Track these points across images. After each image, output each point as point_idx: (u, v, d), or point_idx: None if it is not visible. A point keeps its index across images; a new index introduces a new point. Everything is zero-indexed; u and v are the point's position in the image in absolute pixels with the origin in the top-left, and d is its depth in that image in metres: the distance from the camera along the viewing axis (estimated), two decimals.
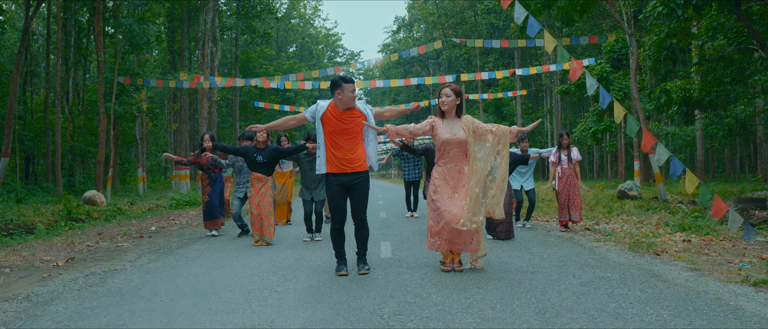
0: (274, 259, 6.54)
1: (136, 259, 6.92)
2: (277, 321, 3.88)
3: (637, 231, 9.08)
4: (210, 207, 9.18)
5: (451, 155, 5.57)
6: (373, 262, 6.21)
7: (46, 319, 4.11)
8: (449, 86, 5.58)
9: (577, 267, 5.81)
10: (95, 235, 9.86)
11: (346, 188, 5.44)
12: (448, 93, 5.57)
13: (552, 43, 8.72)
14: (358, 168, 5.43)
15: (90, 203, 17.55)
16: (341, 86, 5.33)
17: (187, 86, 23.00)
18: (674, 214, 12.30)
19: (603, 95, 8.78)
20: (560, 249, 7.14)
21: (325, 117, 5.38)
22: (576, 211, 9.33)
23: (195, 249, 7.63)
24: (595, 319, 3.82)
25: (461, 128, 5.56)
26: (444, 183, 5.58)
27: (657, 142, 8.66)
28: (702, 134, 28.04)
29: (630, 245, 7.29)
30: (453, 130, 5.55)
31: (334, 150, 5.39)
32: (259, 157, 7.87)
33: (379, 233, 9.11)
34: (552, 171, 9.62)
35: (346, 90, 5.33)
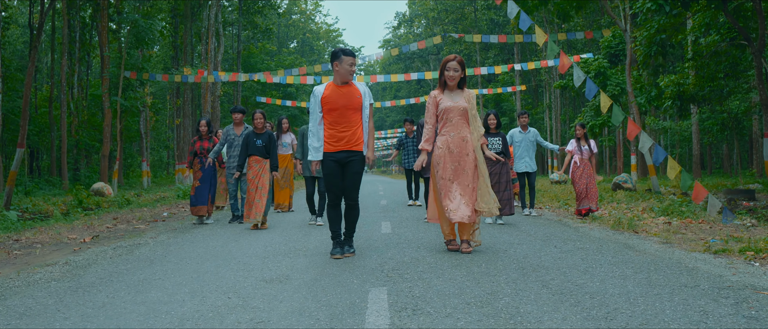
0: (284, 235, 7.15)
1: (157, 236, 7.51)
2: (292, 276, 4.48)
3: (623, 216, 9.65)
4: (198, 192, 9.04)
5: (453, 122, 5.55)
6: (374, 237, 6.79)
7: (90, 276, 4.70)
8: (456, 59, 5.55)
9: (560, 241, 6.39)
10: (111, 220, 10.44)
11: (341, 165, 5.39)
12: (455, 67, 5.55)
13: (543, 37, 9.29)
14: (354, 147, 5.36)
15: (98, 195, 18.09)
16: (340, 58, 5.30)
17: (192, 80, 23.54)
18: (662, 202, 12.86)
19: (589, 88, 9.35)
20: (547, 228, 7.73)
21: (325, 97, 5.33)
22: (593, 200, 9.48)
23: (209, 229, 8.23)
24: (566, 274, 4.41)
25: (463, 98, 5.60)
26: (447, 154, 5.51)
27: (641, 131, 9.23)
28: (697, 128, 28.54)
29: (612, 224, 7.87)
30: (455, 99, 5.58)
31: (331, 128, 5.35)
32: (258, 141, 8.26)
33: (380, 215, 9.72)
34: (567, 160, 9.79)
35: (344, 62, 5.28)
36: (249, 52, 43.39)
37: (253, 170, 8.27)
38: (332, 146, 5.35)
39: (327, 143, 5.37)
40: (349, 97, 5.35)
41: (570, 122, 40.48)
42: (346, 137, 5.34)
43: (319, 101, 5.38)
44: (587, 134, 9.65)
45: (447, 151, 5.53)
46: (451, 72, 5.55)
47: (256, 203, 8.07)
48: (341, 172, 5.41)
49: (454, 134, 5.55)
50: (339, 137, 5.33)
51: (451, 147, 5.53)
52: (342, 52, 5.34)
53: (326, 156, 5.37)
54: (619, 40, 25.34)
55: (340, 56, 5.32)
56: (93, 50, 31.59)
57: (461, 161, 5.51)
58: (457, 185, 5.46)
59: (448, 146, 5.54)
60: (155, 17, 24.73)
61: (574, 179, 9.59)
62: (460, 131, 5.55)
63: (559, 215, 10.17)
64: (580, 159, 9.60)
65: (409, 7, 64.81)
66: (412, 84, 66.25)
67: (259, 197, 8.12)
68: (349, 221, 5.58)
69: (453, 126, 5.56)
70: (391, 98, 71.71)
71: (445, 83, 5.65)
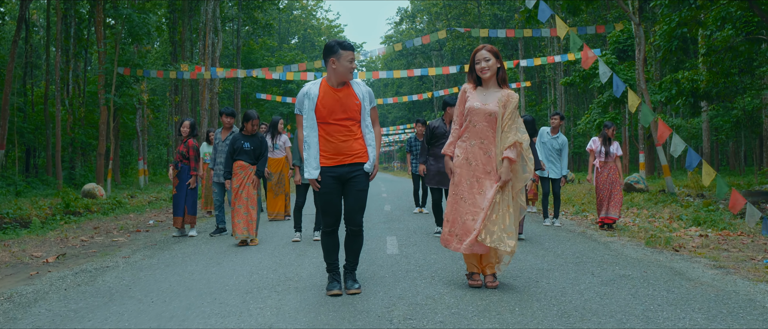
0: (274, 256, 6.23)
1: (131, 255, 6.62)
2: (276, 326, 3.57)
3: (650, 226, 8.76)
4: (174, 201, 8.15)
5: (476, 128, 4.46)
6: (379, 259, 5.88)
7: (26, 321, 3.80)
8: (486, 48, 4.47)
9: (595, 264, 5.49)
10: (91, 229, 9.56)
11: (340, 183, 4.38)
12: (486, 56, 4.43)
13: (564, 30, 8.38)
14: (357, 159, 4.35)
15: (89, 197, 17.28)
16: (337, 53, 4.24)
17: (187, 76, 22.66)
18: (685, 207, 11.99)
19: (616, 84, 8.45)
20: (574, 245, 6.82)
21: (319, 101, 4.31)
22: (615, 208, 8.47)
23: (192, 245, 7.32)
24: (623, 323, 3.51)
25: (496, 100, 4.45)
26: (465, 165, 4.47)
27: (672, 132, 8.32)
28: (708, 126, 27.68)
29: (646, 240, 6.98)
30: (485, 99, 4.48)
31: (327, 138, 4.31)
32: (245, 144, 7.26)
33: (384, 227, 8.78)
34: (591, 160, 8.81)
35: (342, 58, 4.24)
36: (249, 48, 42.55)
37: (238, 178, 7.24)
38: (330, 159, 4.34)
39: (323, 157, 4.35)
40: (346, 103, 4.33)
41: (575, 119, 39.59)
42: (347, 148, 4.33)
43: (314, 105, 4.31)
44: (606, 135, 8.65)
45: (465, 161, 4.51)
46: (481, 63, 4.44)
47: (243, 216, 7.10)
48: (341, 191, 4.42)
49: (476, 143, 4.48)
50: (338, 149, 4.32)
51: (469, 158, 4.50)
52: (339, 46, 4.28)
53: (324, 172, 4.36)
54: (627, 35, 24.51)
55: (336, 50, 4.26)
56: (91, 46, 30.74)
57: (480, 178, 4.45)
58: (469, 206, 4.43)
59: (466, 156, 4.51)
60: (149, 12, 23.77)
61: (597, 185, 8.66)
62: (484, 142, 4.46)
63: (579, 224, 9.27)
64: (601, 163, 8.66)
65: (412, 3, 63.93)
66: (414, 81, 65.43)
67: (248, 210, 7.16)
68: (353, 251, 4.52)
69: (476, 133, 4.48)
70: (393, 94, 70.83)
71: (477, 78, 4.57)
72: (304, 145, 4.36)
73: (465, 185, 4.47)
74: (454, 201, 4.50)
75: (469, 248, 4.37)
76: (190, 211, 8.26)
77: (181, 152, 8.18)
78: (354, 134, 4.35)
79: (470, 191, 4.44)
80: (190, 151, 8.19)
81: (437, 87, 60.41)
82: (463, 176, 4.49)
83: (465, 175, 4.48)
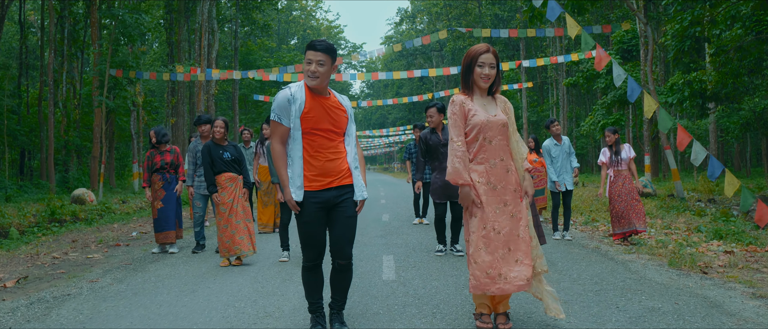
0: (256, 282, 5.58)
1: (100, 278, 5.99)
2: None
3: (668, 239, 8.12)
4: (162, 215, 7.53)
5: (493, 145, 3.74)
6: (373, 288, 5.23)
7: None
8: (490, 50, 3.73)
9: (618, 293, 4.85)
10: (68, 243, 8.95)
11: (326, 209, 3.66)
12: (491, 61, 3.72)
13: (575, 29, 7.75)
14: (345, 180, 3.67)
15: (78, 203, 16.71)
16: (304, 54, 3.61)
17: (181, 78, 22.04)
18: (698, 214, 11.40)
19: (632, 87, 7.81)
20: (590, 266, 6.18)
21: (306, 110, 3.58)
22: (640, 219, 7.72)
23: (169, 265, 6.67)
24: None
25: (500, 110, 3.84)
26: (491, 192, 3.73)
27: (693, 139, 7.70)
28: (715, 127, 27.06)
29: (670, 259, 6.32)
30: (490, 110, 3.79)
31: (313, 153, 3.60)
32: (225, 154, 6.62)
33: (380, 242, 8.11)
34: (602, 174, 8.16)
35: (305, 60, 3.60)
36: (248, 49, 41.94)
37: (229, 192, 6.60)
38: (315, 181, 3.62)
39: (307, 179, 3.62)
40: (335, 113, 3.67)
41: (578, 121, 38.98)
42: (334, 169, 3.64)
43: (301, 111, 3.57)
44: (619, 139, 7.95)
45: (490, 188, 3.73)
46: (485, 69, 3.72)
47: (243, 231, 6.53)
48: (326, 219, 3.70)
49: (496, 163, 3.75)
50: (325, 169, 3.62)
51: (492, 181, 3.74)
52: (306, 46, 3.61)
53: (307, 198, 3.62)
54: (631, 35, 23.92)
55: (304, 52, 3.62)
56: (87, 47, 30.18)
57: (507, 201, 3.73)
58: (504, 237, 3.69)
59: (488, 178, 3.74)
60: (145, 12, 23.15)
61: (612, 198, 7.97)
62: (504, 159, 3.78)
63: (590, 237, 8.62)
64: (615, 172, 7.98)
65: (412, 3, 63.38)
66: (414, 81, 64.85)
67: (247, 224, 6.59)
68: (340, 288, 3.80)
69: (493, 151, 3.75)
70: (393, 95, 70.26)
71: (471, 84, 3.83)
72: (288, 160, 3.64)
73: (495, 214, 3.72)
74: (486, 238, 3.69)
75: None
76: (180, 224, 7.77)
77: (171, 162, 7.58)
78: (341, 152, 3.69)
79: (499, 218, 3.71)
80: (179, 157, 7.67)
81: (438, 88, 59.85)
82: (489, 205, 3.73)
83: (492, 202, 3.73)
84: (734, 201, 14.92)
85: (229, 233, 6.50)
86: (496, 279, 3.63)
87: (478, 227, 3.71)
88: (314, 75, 3.54)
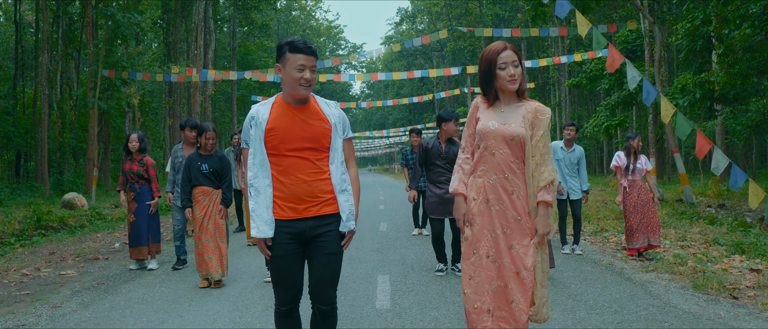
0: (235, 310, 5.00)
1: (65, 302, 5.43)
2: None
3: (685, 253, 7.56)
4: (134, 229, 6.99)
5: (495, 158, 3.11)
6: (366, 318, 4.66)
7: None
8: (509, 47, 3.10)
9: (642, 324, 4.29)
10: (45, 256, 8.40)
11: (302, 243, 3.01)
12: (513, 59, 3.08)
13: (586, 27, 7.18)
14: (327, 208, 2.99)
15: (68, 207, 16.19)
16: (283, 57, 2.96)
17: (175, 79, 21.49)
18: (710, 221, 10.87)
19: (647, 90, 7.25)
20: (606, 288, 5.61)
21: (270, 126, 2.96)
22: (655, 233, 7.26)
23: (144, 285, 6.10)
24: None
25: (520, 118, 3.11)
26: (486, 211, 3.13)
27: (714, 147, 7.13)
28: (722, 129, 26.53)
29: (693, 282, 5.74)
30: (504, 117, 3.14)
31: (282, 178, 2.96)
32: (203, 166, 6.06)
33: (376, 258, 7.51)
34: (618, 180, 7.53)
35: (289, 64, 2.92)
36: (246, 49, 41.43)
37: (202, 206, 6.02)
38: (286, 209, 2.96)
39: (277, 205, 2.97)
40: (310, 125, 2.99)
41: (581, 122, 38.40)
42: (310, 193, 2.96)
43: (262, 132, 2.96)
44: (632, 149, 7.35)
45: (485, 206, 3.14)
46: (509, 69, 3.06)
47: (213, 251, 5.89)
48: (303, 254, 3.05)
49: (496, 180, 3.12)
50: (297, 193, 2.94)
51: (490, 201, 3.13)
52: (288, 47, 2.95)
53: (277, 228, 2.96)
54: (636, 34, 23.40)
55: (282, 53, 2.97)
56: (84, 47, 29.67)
57: (508, 231, 3.09)
58: (498, 269, 3.08)
59: (485, 195, 3.14)
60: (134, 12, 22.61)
61: (627, 209, 7.39)
62: (507, 177, 3.11)
63: (602, 252, 8.05)
64: (630, 183, 7.40)
65: (412, 3, 62.90)
66: (415, 82, 64.35)
67: (218, 244, 5.96)
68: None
69: (494, 165, 3.12)
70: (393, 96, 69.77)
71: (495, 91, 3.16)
72: (251, 191, 2.97)
73: (489, 240, 3.11)
74: (476, 265, 3.12)
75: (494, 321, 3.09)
76: (154, 239, 7.10)
77: (137, 172, 6.97)
78: (321, 171, 3.00)
79: (497, 246, 3.10)
80: (151, 169, 7.00)
81: (438, 88, 59.36)
82: (484, 227, 3.12)
83: (486, 225, 3.12)
84: (746, 207, 14.38)
85: (200, 251, 5.94)
86: (482, 315, 3.06)
87: (467, 251, 3.16)
88: (309, 84, 2.95)
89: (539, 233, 3.05)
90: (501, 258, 3.07)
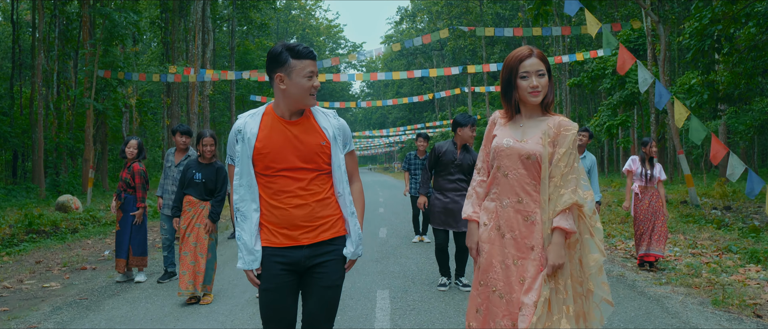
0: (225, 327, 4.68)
1: (43, 320, 5.11)
2: None
3: (698, 262, 7.24)
4: (118, 240, 6.64)
5: (508, 179, 2.75)
6: None
7: None
8: (535, 54, 2.73)
9: None
10: (31, 265, 8.07)
11: (296, 274, 2.65)
12: (539, 67, 2.70)
13: (595, 26, 6.84)
14: (325, 233, 2.64)
15: (62, 210, 15.84)
16: (286, 64, 2.55)
17: (171, 79, 21.18)
18: (719, 226, 10.58)
19: (660, 93, 6.91)
20: (620, 304, 5.28)
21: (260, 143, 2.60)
22: (660, 243, 6.94)
23: (129, 301, 5.76)
24: None
25: (539, 134, 2.74)
26: (497, 238, 2.76)
27: (729, 152, 6.79)
28: (725, 129, 26.25)
29: (712, 298, 5.40)
30: (523, 134, 2.77)
31: (273, 201, 2.60)
32: (197, 174, 5.69)
33: (375, 269, 7.15)
34: (628, 185, 7.26)
35: (295, 72, 2.55)
36: (245, 48, 41.12)
37: (186, 217, 5.65)
38: (277, 235, 2.60)
39: (267, 230, 2.62)
40: (305, 142, 2.62)
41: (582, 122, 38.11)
42: (306, 218, 2.60)
43: (252, 148, 2.60)
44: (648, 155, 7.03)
45: (496, 233, 2.77)
46: (532, 79, 2.70)
47: (188, 266, 5.49)
48: (297, 286, 2.68)
49: (509, 203, 2.75)
50: (291, 219, 2.58)
51: (501, 227, 2.76)
52: (290, 53, 2.55)
53: (268, 256, 2.60)
54: (638, 34, 23.16)
55: (284, 61, 2.55)
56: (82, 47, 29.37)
57: (521, 259, 2.70)
58: (506, 305, 2.68)
59: (497, 224, 2.78)
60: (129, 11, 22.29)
61: (637, 216, 7.08)
62: (521, 200, 2.73)
63: (612, 261, 7.73)
64: (641, 188, 7.08)
65: (412, 2, 62.65)
66: (415, 81, 64.08)
67: (196, 258, 5.54)
68: None
69: (508, 187, 2.76)
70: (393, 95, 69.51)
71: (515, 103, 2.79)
72: (237, 217, 2.62)
73: (498, 271, 2.74)
74: (485, 293, 2.78)
75: None
76: (136, 251, 6.70)
77: (125, 179, 6.63)
78: (318, 192, 2.63)
79: (507, 279, 2.71)
80: (136, 177, 6.63)
81: (438, 88, 59.09)
82: (494, 256, 2.76)
83: (497, 254, 2.75)
84: (752, 209, 14.09)
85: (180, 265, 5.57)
86: None
87: (475, 281, 2.83)
88: (315, 91, 2.62)
89: (550, 263, 2.62)
90: (510, 293, 2.68)
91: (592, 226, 2.74)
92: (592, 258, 2.73)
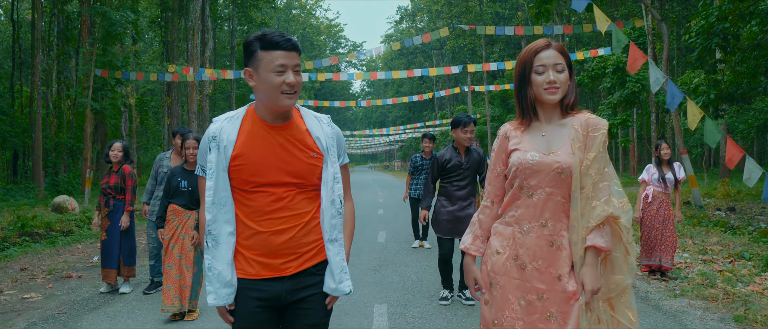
0: None
1: None
2: None
3: (711, 271, 6.92)
4: (105, 249, 6.33)
5: (533, 200, 2.30)
6: None
7: None
8: (553, 46, 2.30)
9: None
10: (15, 272, 7.80)
11: (274, 311, 2.26)
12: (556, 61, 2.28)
13: (605, 23, 6.51)
14: (308, 263, 2.25)
15: (58, 211, 15.56)
16: (255, 56, 2.14)
17: (169, 78, 20.89)
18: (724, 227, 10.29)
19: (672, 93, 6.58)
20: None
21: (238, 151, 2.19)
22: (668, 254, 6.67)
23: (111, 315, 5.45)
24: None
25: (569, 142, 2.29)
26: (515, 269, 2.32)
27: (745, 155, 6.46)
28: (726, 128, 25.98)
29: (734, 314, 5.07)
30: (549, 144, 2.32)
31: (250, 222, 2.20)
32: (182, 182, 5.31)
33: (373, 279, 6.81)
34: (640, 193, 6.97)
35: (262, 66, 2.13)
36: None
37: (170, 227, 5.27)
38: (256, 264, 2.20)
39: (242, 257, 2.21)
40: (290, 151, 2.21)
41: None
42: (290, 245, 2.20)
43: (228, 158, 2.18)
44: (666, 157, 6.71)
45: (513, 264, 2.32)
46: (548, 73, 2.26)
47: (174, 280, 5.15)
48: (276, 324, 2.29)
49: (531, 227, 2.31)
50: (271, 246, 2.18)
51: (520, 256, 2.31)
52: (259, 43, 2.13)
53: (242, 290, 2.20)
54: (639, 32, 22.89)
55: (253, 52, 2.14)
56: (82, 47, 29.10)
57: (546, 294, 2.26)
58: None
59: (515, 253, 2.33)
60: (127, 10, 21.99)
61: (644, 221, 6.79)
62: (546, 223, 2.29)
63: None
64: (654, 193, 6.76)
65: (412, 1, 62.36)
66: (414, 80, 63.82)
67: (181, 272, 5.17)
68: None
69: (532, 209, 2.31)
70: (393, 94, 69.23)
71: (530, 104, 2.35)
72: (208, 241, 2.21)
73: (517, 309, 2.29)
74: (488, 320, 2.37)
75: None
76: (127, 262, 6.38)
77: (114, 186, 6.27)
78: (305, 213, 2.23)
79: (528, 318, 2.27)
80: (128, 179, 6.29)
81: (438, 87, 58.79)
82: (510, 291, 2.31)
83: (513, 290, 2.30)
84: (757, 210, 13.82)
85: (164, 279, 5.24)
86: None
87: (487, 318, 2.39)
88: (293, 90, 2.14)
89: (587, 289, 2.19)
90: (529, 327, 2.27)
91: (628, 242, 2.28)
92: (613, 279, 2.30)
